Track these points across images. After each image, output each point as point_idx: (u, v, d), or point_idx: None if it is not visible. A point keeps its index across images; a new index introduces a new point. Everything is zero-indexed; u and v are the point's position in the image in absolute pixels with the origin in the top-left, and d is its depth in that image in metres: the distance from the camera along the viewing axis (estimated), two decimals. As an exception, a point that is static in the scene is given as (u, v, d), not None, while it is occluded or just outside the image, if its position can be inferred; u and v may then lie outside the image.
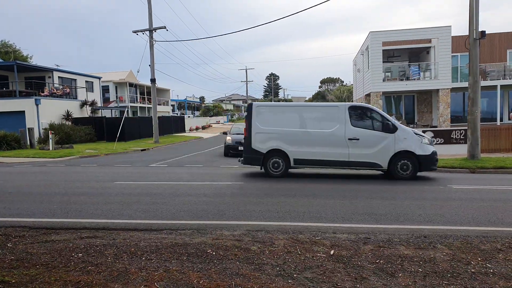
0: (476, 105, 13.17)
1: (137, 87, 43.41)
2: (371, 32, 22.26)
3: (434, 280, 3.46)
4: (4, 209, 6.51)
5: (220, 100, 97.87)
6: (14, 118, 23.60)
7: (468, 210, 6.25)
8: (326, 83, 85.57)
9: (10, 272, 3.63)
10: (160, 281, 3.41)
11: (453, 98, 23.02)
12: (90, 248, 4.35)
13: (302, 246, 4.41)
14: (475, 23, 12.97)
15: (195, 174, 11.43)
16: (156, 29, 25.98)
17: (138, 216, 5.99)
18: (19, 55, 44.40)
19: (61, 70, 30.25)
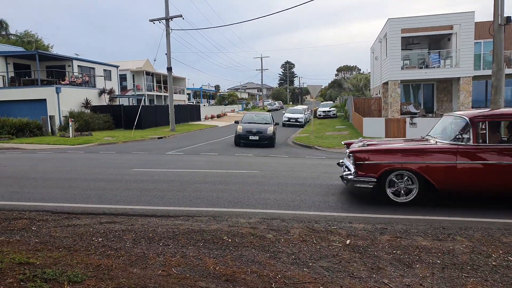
0: (500, 94, 12.73)
1: (154, 75, 43.78)
2: (389, 19, 21.67)
3: (453, 272, 3.41)
4: (29, 194, 6.73)
5: (235, 88, 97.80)
6: (36, 106, 24.21)
7: (489, 201, 6.09)
8: (343, 71, 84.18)
9: (35, 254, 3.77)
10: (178, 267, 3.48)
11: (475, 87, 22.29)
12: (110, 233, 4.46)
13: (317, 235, 4.40)
14: (500, 8, 12.45)
15: (211, 162, 11.52)
16: (173, 17, 25.97)
17: (155, 202, 6.10)
18: (41, 44, 45.27)
19: (80, 59, 30.74)
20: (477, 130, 5.57)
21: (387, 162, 5.79)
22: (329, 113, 37.15)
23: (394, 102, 21.86)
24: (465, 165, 5.57)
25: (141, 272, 3.36)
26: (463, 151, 5.59)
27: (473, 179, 5.60)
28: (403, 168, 5.75)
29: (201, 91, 69.08)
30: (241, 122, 18.27)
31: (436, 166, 5.66)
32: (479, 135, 5.60)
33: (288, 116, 31.51)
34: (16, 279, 3.16)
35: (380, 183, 5.84)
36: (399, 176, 5.85)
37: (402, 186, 5.84)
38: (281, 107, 62.91)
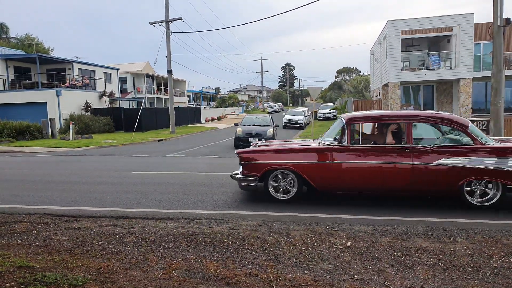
0: (500, 95, 12.74)
1: (154, 78, 43.84)
2: (389, 21, 21.72)
3: (454, 274, 3.40)
4: (29, 197, 6.73)
5: (235, 91, 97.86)
6: (36, 109, 24.23)
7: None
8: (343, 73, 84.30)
9: (35, 257, 3.76)
10: (178, 269, 3.47)
11: (475, 88, 22.31)
12: (110, 236, 4.46)
13: (318, 237, 4.40)
14: (499, 10, 12.47)
15: (211, 165, 11.53)
16: (173, 20, 26.04)
17: (156, 205, 6.10)
18: (41, 47, 45.37)
19: (81, 62, 30.81)
20: (351, 131, 5.89)
21: (269, 161, 6.10)
22: (329, 115, 37.14)
23: (394, 104, 21.87)
24: (339, 165, 5.83)
25: (142, 275, 3.35)
26: (338, 151, 5.87)
27: (346, 178, 5.86)
28: (283, 167, 6.04)
29: (201, 93, 69.14)
30: (241, 124, 18.27)
31: (312, 165, 5.93)
32: (353, 136, 5.95)
33: (288, 118, 31.52)
34: (17, 282, 3.16)
35: (263, 182, 6.18)
36: (281, 175, 6.15)
37: (283, 184, 6.15)
38: (281, 109, 62.95)
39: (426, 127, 6.18)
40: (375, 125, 6.75)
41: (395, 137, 5.94)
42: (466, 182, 5.53)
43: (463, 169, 5.44)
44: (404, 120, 5.85)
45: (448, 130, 5.98)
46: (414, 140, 5.70)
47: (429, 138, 6.06)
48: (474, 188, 5.60)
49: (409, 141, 5.65)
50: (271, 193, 6.20)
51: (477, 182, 5.58)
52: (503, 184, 5.45)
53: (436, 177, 5.54)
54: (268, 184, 6.17)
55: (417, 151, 5.59)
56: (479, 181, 5.58)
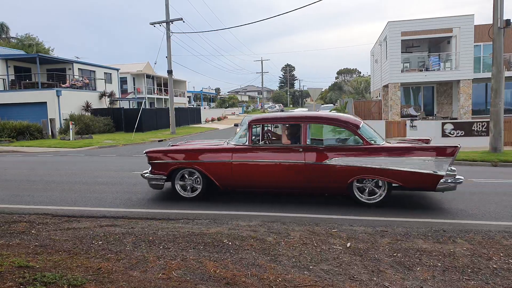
0: (500, 97, 12.74)
1: (154, 78, 43.84)
2: (389, 22, 21.73)
3: (453, 275, 3.40)
4: (28, 197, 6.73)
5: (236, 91, 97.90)
6: (36, 109, 24.25)
7: (490, 204, 6.09)
8: (343, 74, 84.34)
9: (35, 257, 3.76)
10: (178, 270, 3.47)
11: (475, 89, 22.30)
12: (110, 236, 4.46)
13: (318, 238, 4.40)
14: (499, 12, 12.49)
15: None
16: (173, 20, 26.04)
17: (156, 205, 6.10)
18: (41, 47, 45.38)
19: (81, 62, 30.82)
20: (252, 132, 6.22)
21: (175, 161, 6.38)
22: (329, 116, 37.12)
23: (394, 105, 21.87)
24: (239, 163, 6.11)
25: (141, 275, 3.35)
26: (239, 150, 6.18)
27: (246, 176, 6.13)
28: (188, 166, 6.31)
29: (201, 94, 69.16)
30: (241, 124, 18.25)
31: (215, 164, 6.21)
32: (254, 136, 6.28)
33: (289, 119, 31.47)
34: (16, 282, 3.16)
35: (170, 180, 6.44)
36: (187, 174, 6.41)
37: (189, 183, 6.42)
38: (281, 109, 62.89)
39: (321, 128, 6.43)
40: (275, 126, 7.18)
41: (292, 137, 6.25)
42: (355, 180, 5.80)
43: (352, 167, 5.70)
44: (300, 121, 6.14)
45: (340, 131, 6.24)
46: (309, 140, 5.98)
47: (322, 139, 6.32)
48: (363, 186, 5.88)
49: (304, 141, 5.93)
50: (178, 192, 6.44)
51: (366, 180, 5.84)
52: (388, 183, 5.73)
53: (327, 175, 5.80)
54: (175, 182, 6.43)
55: (309, 150, 5.86)
56: (367, 179, 5.83)
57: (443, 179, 5.45)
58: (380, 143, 5.87)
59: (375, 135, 6.17)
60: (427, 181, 5.54)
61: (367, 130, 6.11)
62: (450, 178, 5.53)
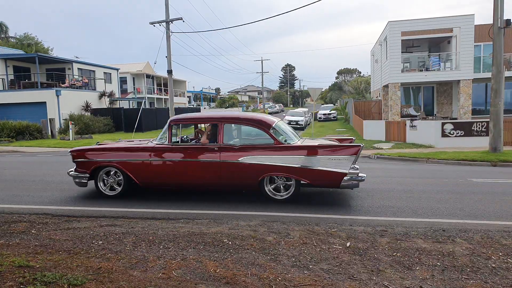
0: (499, 97, 12.76)
1: (154, 78, 43.85)
2: (389, 22, 21.74)
3: (452, 274, 3.41)
4: (28, 197, 6.73)
5: (236, 91, 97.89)
6: (36, 108, 24.25)
7: (489, 204, 6.10)
8: (343, 74, 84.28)
9: (35, 257, 3.77)
10: (178, 269, 3.48)
11: (475, 89, 22.31)
12: (110, 235, 4.46)
13: (318, 237, 4.40)
14: (499, 11, 12.50)
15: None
16: (173, 20, 25.99)
17: (155, 205, 6.10)
18: (41, 47, 45.38)
19: (80, 62, 30.81)
20: (171, 131, 6.45)
21: (97, 160, 6.59)
22: (329, 116, 37.16)
23: (394, 105, 21.88)
24: (158, 162, 6.36)
25: (142, 275, 3.36)
26: (158, 150, 6.41)
27: (165, 174, 6.37)
28: (110, 165, 6.52)
29: (201, 94, 69.16)
30: None
31: (134, 163, 6.43)
32: (173, 136, 6.49)
33: (289, 119, 31.51)
34: (16, 282, 3.16)
35: (93, 178, 6.64)
36: (109, 172, 6.61)
37: (111, 181, 6.61)
38: (281, 109, 62.89)
39: (237, 127, 6.68)
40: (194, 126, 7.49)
41: (210, 137, 6.50)
42: (266, 177, 6.06)
43: (262, 165, 5.96)
44: (216, 121, 6.40)
45: (254, 131, 6.46)
46: (225, 139, 6.21)
47: (238, 138, 6.56)
48: (274, 183, 6.16)
49: (220, 141, 6.19)
50: (100, 189, 6.62)
51: (276, 177, 6.11)
52: (296, 180, 5.98)
53: (240, 172, 6.06)
54: (98, 180, 6.63)
55: (224, 149, 6.12)
56: (278, 177, 6.10)
57: (346, 177, 5.70)
58: (291, 143, 6.15)
59: (289, 134, 6.50)
60: (331, 179, 5.80)
61: (281, 130, 6.41)
62: (353, 175, 5.75)
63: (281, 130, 6.41)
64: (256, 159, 5.97)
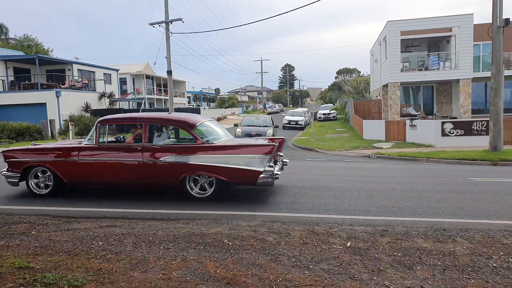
0: (499, 96, 12.76)
1: (154, 79, 43.85)
2: (389, 21, 21.74)
3: (453, 274, 3.40)
4: (28, 198, 6.72)
5: (235, 91, 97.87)
6: (36, 109, 24.24)
7: (490, 203, 6.10)
8: (343, 74, 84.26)
9: (35, 258, 3.76)
10: (178, 270, 3.47)
11: (475, 89, 22.29)
12: (110, 236, 4.46)
13: (318, 237, 4.40)
14: (498, 10, 12.50)
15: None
16: (172, 21, 25.98)
17: (155, 205, 6.09)
18: (41, 48, 45.36)
19: (80, 63, 30.81)
20: (98, 131, 6.58)
21: (27, 160, 6.74)
22: (329, 116, 37.16)
23: (394, 104, 21.88)
24: (84, 162, 6.50)
25: (142, 275, 3.35)
26: (85, 150, 6.56)
27: (91, 173, 6.50)
28: (39, 164, 6.67)
29: (201, 94, 69.15)
30: (240, 125, 18.28)
31: (62, 163, 6.58)
32: (100, 136, 6.61)
33: (289, 119, 31.51)
34: (16, 283, 3.16)
35: (25, 178, 6.77)
36: (40, 172, 6.75)
37: (42, 180, 6.77)
38: (281, 109, 62.87)
39: (161, 128, 6.83)
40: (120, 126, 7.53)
41: (136, 137, 6.64)
42: (187, 176, 6.19)
43: (184, 164, 6.10)
44: (141, 122, 6.56)
45: (177, 131, 6.69)
46: (149, 139, 6.38)
47: (162, 138, 6.70)
48: (195, 182, 6.30)
49: (144, 140, 6.34)
50: (31, 188, 6.75)
51: (197, 176, 6.25)
52: (216, 178, 6.11)
53: (162, 171, 6.22)
54: (29, 180, 6.76)
55: (147, 149, 6.26)
56: (198, 176, 6.23)
57: (262, 175, 5.87)
58: (215, 142, 6.31)
59: (216, 134, 6.70)
60: (248, 176, 5.95)
61: (206, 130, 6.60)
62: (268, 173, 5.93)
63: (206, 130, 6.61)
64: (177, 159, 6.11)
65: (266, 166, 5.89)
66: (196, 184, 6.31)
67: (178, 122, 6.57)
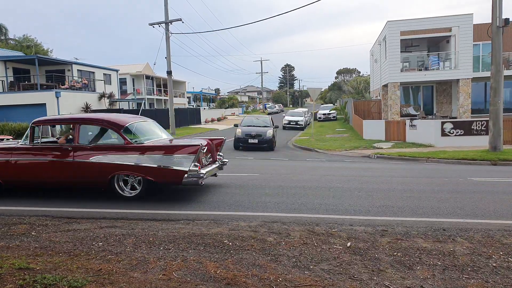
0: (499, 95, 12.77)
1: (154, 79, 43.85)
2: (388, 22, 21.74)
3: (453, 274, 3.40)
4: (28, 199, 6.72)
5: (235, 92, 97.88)
6: (35, 110, 24.19)
7: (490, 203, 6.10)
8: (343, 74, 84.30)
9: (35, 259, 3.76)
10: (178, 271, 3.47)
11: (474, 89, 22.30)
12: (110, 237, 4.46)
13: (318, 238, 4.40)
14: (498, 10, 12.51)
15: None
16: (172, 21, 26.01)
17: (155, 206, 6.09)
18: (40, 49, 45.33)
19: (80, 63, 30.81)
20: (33, 132, 6.66)
21: None
22: (329, 116, 37.19)
23: (394, 104, 21.89)
24: (18, 162, 6.63)
25: (142, 276, 3.35)
26: (18, 150, 6.68)
27: (25, 173, 6.60)
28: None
29: (201, 94, 69.15)
30: (240, 125, 18.25)
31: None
32: (34, 136, 6.69)
33: (288, 119, 31.51)
34: (16, 284, 3.16)
35: None
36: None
37: None
38: (281, 110, 62.91)
39: (92, 128, 6.96)
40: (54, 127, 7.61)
41: (69, 137, 6.79)
42: (115, 175, 6.30)
43: (112, 164, 6.21)
44: (73, 122, 6.72)
45: (107, 131, 6.72)
46: (80, 139, 6.50)
47: (93, 138, 6.78)
48: (124, 181, 6.42)
49: (75, 141, 6.48)
50: None
51: (124, 176, 6.36)
52: (144, 178, 6.22)
53: (91, 171, 6.33)
54: None
55: (78, 149, 6.40)
56: (127, 175, 6.34)
57: (187, 174, 5.96)
58: (144, 143, 6.43)
59: (147, 134, 6.82)
60: (173, 176, 6.06)
61: (136, 130, 6.69)
62: (193, 173, 6.01)
63: (137, 130, 6.71)
64: (106, 158, 6.23)
65: (191, 166, 5.99)
66: (126, 184, 6.44)
67: (107, 122, 6.68)
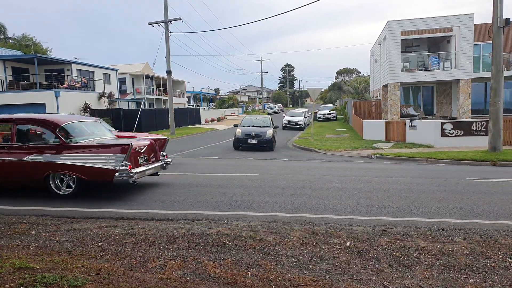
0: (499, 96, 12.78)
1: (153, 79, 43.83)
2: (389, 22, 21.75)
3: (452, 274, 3.41)
4: (27, 198, 6.72)
5: (235, 91, 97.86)
6: (35, 110, 24.19)
7: (489, 204, 6.11)
8: (343, 74, 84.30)
9: (35, 258, 3.77)
10: (178, 270, 3.48)
11: (474, 89, 22.30)
12: (110, 237, 4.47)
13: (317, 237, 4.41)
14: (499, 11, 12.51)
15: (211, 165, 11.53)
16: (172, 20, 26.03)
17: (155, 206, 6.10)
18: (39, 48, 45.28)
19: (79, 63, 30.78)
20: None
21: None
22: (329, 116, 37.19)
23: (394, 105, 21.90)
24: None
25: (142, 275, 3.36)
26: None
27: None
28: None
29: (200, 94, 69.12)
30: (240, 125, 18.24)
31: None
32: None
33: (288, 119, 31.52)
34: (16, 283, 3.17)
35: None
36: None
37: None
38: (281, 110, 62.89)
39: (29, 128, 6.98)
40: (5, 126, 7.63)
41: (5, 136, 6.94)
42: (50, 174, 6.45)
43: (46, 163, 6.38)
44: (10, 122, 6.84)
45: (42, 131, 6.82)
46: (17, 139, 6.62)
47: (29, 138, 6.87)
48: (61, 180, 6.55)
49: (12, 140, 6.64)
50: None
51: (59, 174, 6.50)
52: (77, 177, 6.36)
53: (27, 170, 6.50)
54: None
55: (14, 148, 6.55)
56: (62, 174, 6.49)
57: (117, 173, 6.13)
58: (80, 142, 6.57)
59: (84, 135, 6.92)
60: (104, 175, 6.22)
61: (73, 130, 6.84)
62: (123, 172, 6.18)
63: (74, 130, 6.85)
64: (41, 158, 6.38)
65: (121, 165, 6.14)
66: (62, 182, 6.57)
67: (44, 122, 6.78)
